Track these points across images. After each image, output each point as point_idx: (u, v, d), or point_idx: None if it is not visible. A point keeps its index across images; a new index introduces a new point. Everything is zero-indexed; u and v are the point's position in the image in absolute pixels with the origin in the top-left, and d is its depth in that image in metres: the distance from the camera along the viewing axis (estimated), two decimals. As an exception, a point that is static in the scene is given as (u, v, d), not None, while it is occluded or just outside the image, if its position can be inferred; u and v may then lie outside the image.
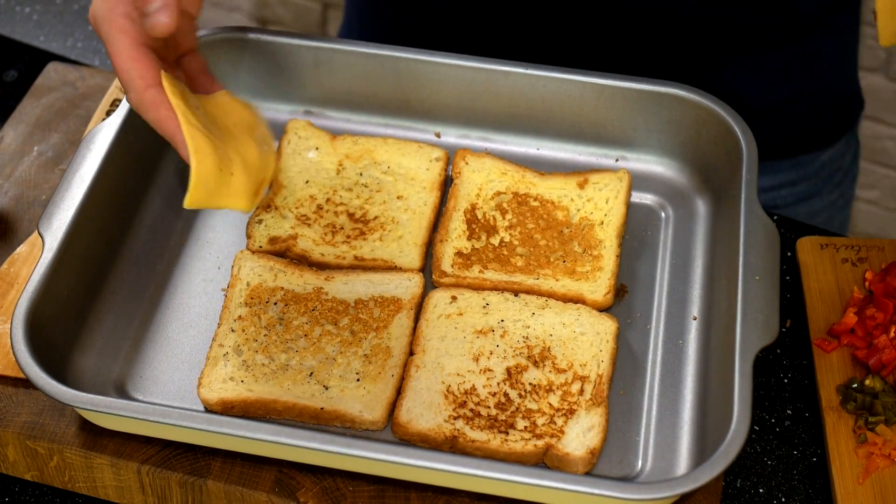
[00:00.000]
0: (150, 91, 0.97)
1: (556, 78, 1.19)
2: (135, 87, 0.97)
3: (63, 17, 1.50)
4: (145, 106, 0.97)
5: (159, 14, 0.96)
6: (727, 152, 1.15)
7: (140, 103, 0.97)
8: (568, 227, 1.16)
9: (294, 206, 1.17)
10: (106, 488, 1.03)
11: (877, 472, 1.03)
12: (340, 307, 1.09)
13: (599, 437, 1.00)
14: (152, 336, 1.09)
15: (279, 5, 2.86)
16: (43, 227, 1.05)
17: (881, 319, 1.11)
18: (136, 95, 0.97)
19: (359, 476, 1.00)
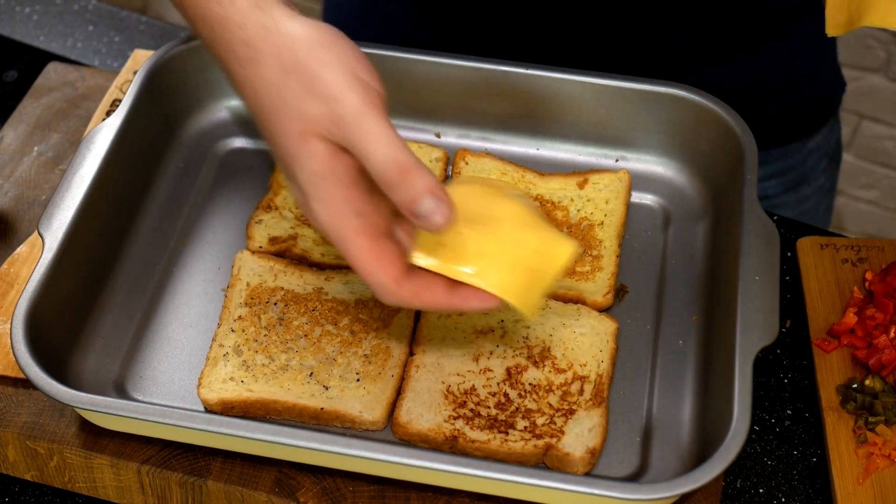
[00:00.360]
0: (405, 286, 0.88)
1: (556, 78, 1.19)
2: (388, 288, 0.88)
3: (63, 17, 1.50)
4: (405, 302, 0.89)
5: (435, 210, 0.85)
6: (727, 152, 1.15)
7: (398, 301, 0.89)
8: (568, 227, 1.16)
9: (294, 206, 1.17)
10: (106, 488, 1.03)
11: (877, 472, 1.03)
12: (340, 307, 1.09)
13: (599, 437, 1.00)
14: (152, 336, 1.09)
15: (279, 5, 2.86)
16: (43, 227, 1.05)
17: (881, 319, 1.11)
18: (392, 296, 0.89)
19: (359, 476, 1.00)
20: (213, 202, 1.20)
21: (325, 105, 0.86)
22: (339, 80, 0.87)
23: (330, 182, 0.87)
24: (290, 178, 0.91)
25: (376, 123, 0.85)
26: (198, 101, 1.26)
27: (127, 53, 1.46)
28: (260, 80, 0.90)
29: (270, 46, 0.89)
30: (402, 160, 0.84)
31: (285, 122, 0.88)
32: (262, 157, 1.24)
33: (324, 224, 0.88)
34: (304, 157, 0.87)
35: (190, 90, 1.24)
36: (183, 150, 1.24)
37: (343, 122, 0.86)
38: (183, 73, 1.23)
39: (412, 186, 0.84)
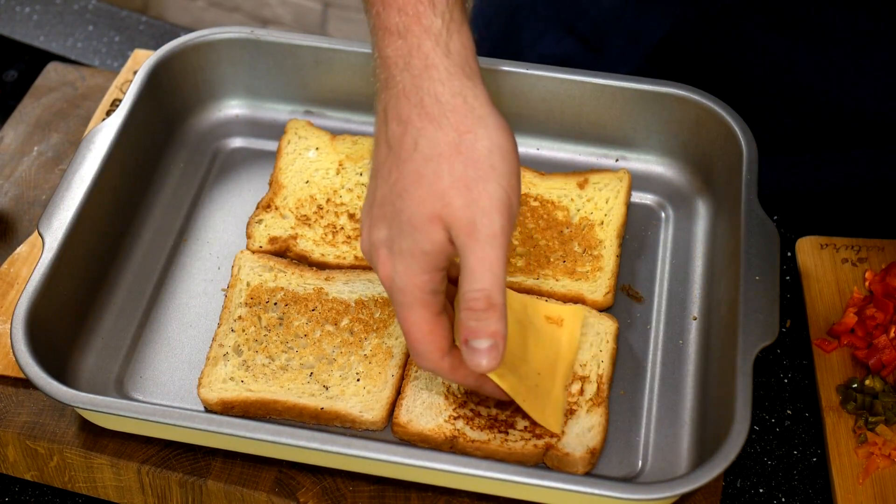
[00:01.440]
0: (447, 359, 0.92)
1: (556, 78, 1.19)
2: (431, 359, 0.92)
3: (63, 17, 1.50)
4: (442, 373, 0.93)
5: (486, 354, 0.89)
6: (727, 152, 1.15)
7: (437, 370, 0.93)
8: (568, 227, 1.16)
9: (294, 206, 1.17)
10: (106, 488, 1.03)
11: (877, 472, 1.03)
12: (341, 307, 1.09)
13: (599, 437, 1.00)
14: (152, 336, 1.09)
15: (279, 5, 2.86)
16: (43, 227, 1.05)
17: (881, 319, 1.11)
18: (433, 365, 0.92)
19: (359, 476, 1.00)
20: (213, 202, 1.20)
21: (472, 210, 0.87)
22: (497, 194, 0.87)
23: (430, 261, 0.89)
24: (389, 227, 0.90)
25: (497, 254, 0.87)
26: (198, 101, 1.26)
27: (127, 53, 1.46)
28: (428, 139, 0.89)
29: (458, 119, 0.89)
30: (494, 299, 0.87)
31: (427, 192, 0.88)
32: (262, 157, 1.24)
33: (398, 285, 0.90)
34: (423, 231, 0.88)
35: (190, 90, 1.24)
36: (183, 150, 1.24)
37: (474, 236, 0.87)
38: (183, 73, 1.23)
39: (485, 322, 0.87)
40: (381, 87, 0.94)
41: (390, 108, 0.92)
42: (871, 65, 1.19)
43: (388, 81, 0.92)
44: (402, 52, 0.92)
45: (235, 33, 1.23)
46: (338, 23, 2.86)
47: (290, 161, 1.20)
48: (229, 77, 1.25)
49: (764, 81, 1.24)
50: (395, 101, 0.91)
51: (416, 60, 0.91)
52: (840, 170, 1.28)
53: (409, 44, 0.92)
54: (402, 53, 0.92)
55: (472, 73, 0.92)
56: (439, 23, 0.92)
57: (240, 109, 1.27)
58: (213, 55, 1.23)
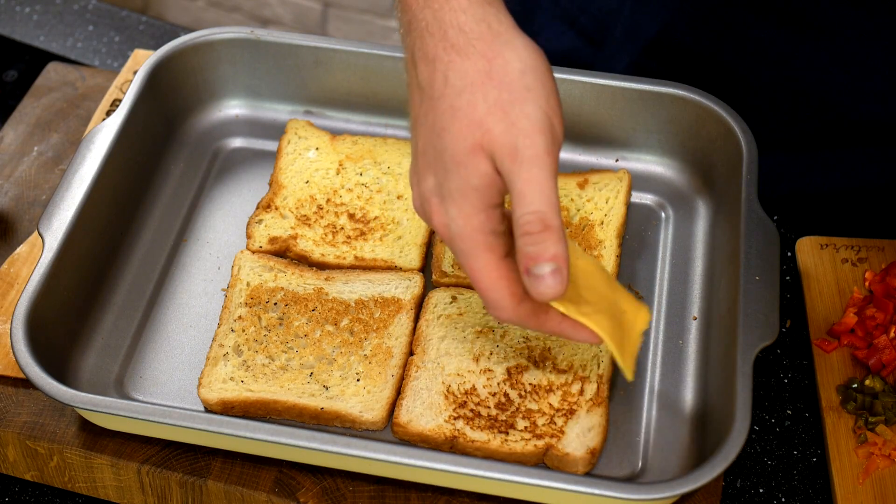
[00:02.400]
0: (524, 305, 0.88)
1: (556, 78, 1.18)
2: (505, 306, 0.87)
3: (63, 17, 1.50)
4: (519, 320, 0.89)
5: (550, 279, 0.84)
6: (727, 152, 1.15)
7: (513, 318, 0.88)
8: (568, 227, 1.16)
9: (294, 206, 1.17)
10: (106, 488, 1.03)
11: (877, 472, 1.03)
12: (341, 307, 1.09)
13: (599, 438, 1.00)
14: (152, 336, 1.09)
15: (279, 5, 2.86)
16: (43, 227, 1.05)
17: (881, 319, 1.11)
18: (509, 313, 0.88)
19: (359, 476, 1.00)
20: (213, 202, 1.20)
21: (511, 134, 0.84)
22: (535, 115, 0.85)
23: (481, 197, 0.86)
24: (435, 173, 0.88)
25: (545, 174, 0.84)
26: (198, 101, 1.26)
27: (127, 53, 1.46)
28: (457, 71, 0.86)
29: (485, 46, 0.87)
30: (549, 218, 0.84)
31: (465, 125, 0.86)
32: (262, 157, 1.24)
33: (455, 231, 0.87)
34: (467, 165, 0.85)
35: (190, 90, 1.24)
36: (183, 150, 1.24)
37: (517, 159, 0.84)
38: (183, 73, 1.23)
39: (543, 245, 0.84)
40: (404, 32, 0.91)
41: (417, 50, 0.89)
42: (869, 62, 1.19)
43: (411, 23, 0.90)
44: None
45: (235, 33, 1.23)
46: (338, 23, 2.86)
47: (290, 161, 1.20)
48: (229, 77, 1.25)
49: (761, 77, 1.24)
50: (420, 41, 0.89)
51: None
52: (839, 169, 1.28)
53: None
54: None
55: (493, 1, 0.89)
56: None
57: (240, 109, 1.27)
58: (213, 55, 1.23)
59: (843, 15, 1.16)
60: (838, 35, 1.18)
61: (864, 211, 1.29)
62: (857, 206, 1.30)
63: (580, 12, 1.33)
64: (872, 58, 1.19)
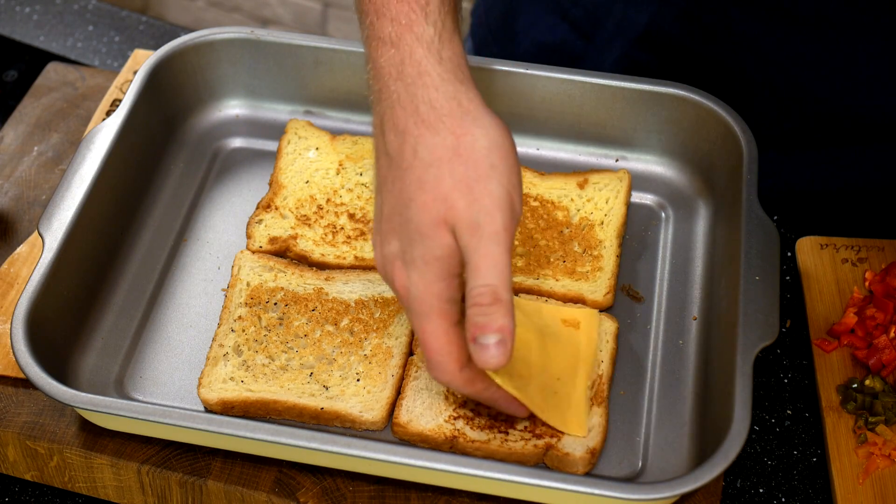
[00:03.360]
0: (465, 372, 0.91)
1: (556, 78, 1.19)
2: (448, 370, 0.91)
3: (63, 17, 1.50)
4: (461, 385, 0.93)
5: (494, 349, 0.88)
6: (727, 152, 1.15)
7: (453, 382, 0.92)
8: (568, 227, 1.16)
9: (294, 206, 1.17)
10: (106, 488, 1.03)
11: (877, 472, 1.03)
12: (341, 307, 1.09)
13: (599, 437, 1.00)
14: (152, 336, 1.09)
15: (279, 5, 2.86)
16: (43, 227, 1.05)
17: (881, 319, 1.11)
18: (449, 377, 0.92)
19: (359, 476, 1.00)
20: (213, 202, 1.20)
21: (473, 210, 0.88)
22: (497, 192, 0.88)
23: (442, 267, 0.89)
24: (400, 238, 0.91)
25: (501, 250, 0.88)
26: (198, 101, 1.26)
27: (127, 53, 1.46)
28: (426, 146, 0.89)
29: (455, 123, 0.90)
30: (500, 293, 0.87)
31: (430, 198, 0.89)
32: (262, 157, 1.24)
33: (414, 295, 0.90)
34: (431, 238, 0.88)
35: (190, 90, 1.24)
36: (183, 150, 1.24)
37: (477, 234, 0.87)
38: (183, 73, 1.23)
39: (492, 317, 0.87)
40: (375, 99, 0.94)
41: (386, 120, 0.92)
42: (858, 58, 1.19)
43: (382, 92, 0.93)
44: (395, 62, 0.93)
45: (235, 33, 1.23)
46: (338, 23, 2.86)
47: (290, 161, 1.20)
48: (229, 77, 1.25)
49: (750, 72, 1.24)
50: (390, 111, 0.92)
51: (409, 69, 0.92)
52: (837, 168, 1.28)
53: (401, 52, 0.92)
54: (394, 62, 0.93)
55: (464, 78, 0.92)
56: (431, 31, 0.93)
57: (240, 109, 1.27)
58: (213, 55, 1.23)
59: (831, 9, 1.16)
60: (827, 30, 1.17)
61: (863, 211, 1.29)
62: (856, 206, 1.30)
63: (572, 5, 1.34)
64: (861, 53, 1.18)
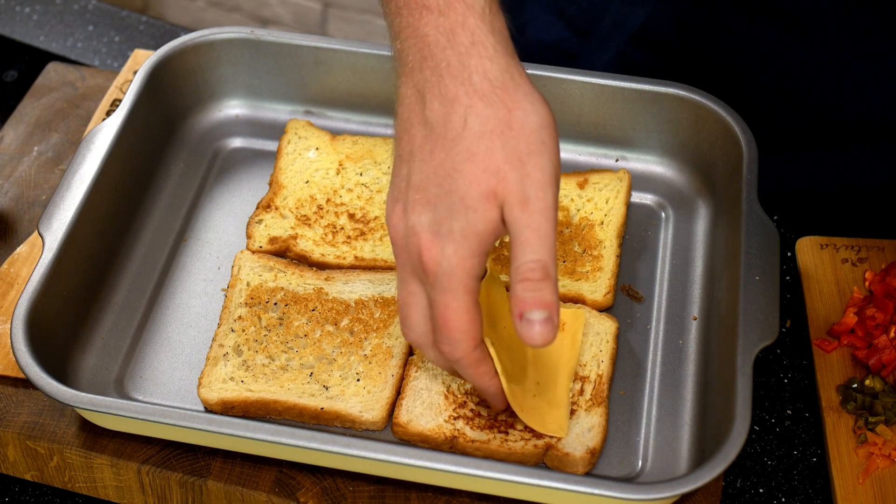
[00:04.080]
0: (478, 350, 0.91)
1: (556, 78, 1.19)
2: (464, 348, 0.90)
3: (63, 17, 1.50)
4: (467, 362, 0.91)
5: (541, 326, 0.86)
6: (727, 152, 1.15)
7: (464, 360, 0.91)
8: (568, 227, 1.16)
9: (294, 206, 1.17)
10: (106, 488, 1.03)
11: (877, 472, 1.03)
12: (341, 307, 1.09)
13: (599, 437, 1.00)
14: (152, 336, 1.09)
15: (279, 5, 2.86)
16: (43, 227, 1.05)
17: (881, 319, 1.11)
18: (462, 355, 0.90)
19: (359, 476, 1.00)
20: (213, 202, 1.20)
21: (525, 184, 0.87)
22: (548, 169, 0.87)
23: (481, 243, 0.88)
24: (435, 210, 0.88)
25: (551, 227, 0.87)
26: (198, 101, 1.26)
27: (127, 53, 1.46)
28: (479, 116, 0.87)
29: (507, 96, 0.88)
30: (550, 269, 0.86)
31: (481, 170, 0.87)
32: (262, 157, 1.24)
33: (444, 269, 0.87)
34: (477, 209, 0.87)
35: (190, 90, 1.24)
36: (183, 150, 1.24)
37: (528, 209, 0.86)
38: (183, 73, 1.23)
39: (542, 293, 0.86)
40: (412, 68, 0.91)
41: (430, 88, 0.89)
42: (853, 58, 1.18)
43: (426, 61, 0.90)
44: (444, 29, 0.90)
45: (235, 33, 1.23)
46: (338, 23, 2.86)
47: (290, 161, 1.20)
48: (229, 77, 1.25)
49: (745, 71, 1.24)
50: (436, 79, 0.89)
51: (461, 38, 0.89)
52: (834, 169, 1.28)
53: (450, 20, 0.90)
54: (443, 30, 0.90)
55: (513, 53, 0.91)
56: (482, 1, 0.90)
57: (240, 109, 1.27)
58: (213, 55, 1.23)
59: (825, 9, 1.16)
60: (822, 29, 1.17)
61: (862, 211, 1.29)
62: (856, 206, 1.30)
63: (569, 3, 1.33)
64: (856, 54, 1.18)
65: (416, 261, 0.89)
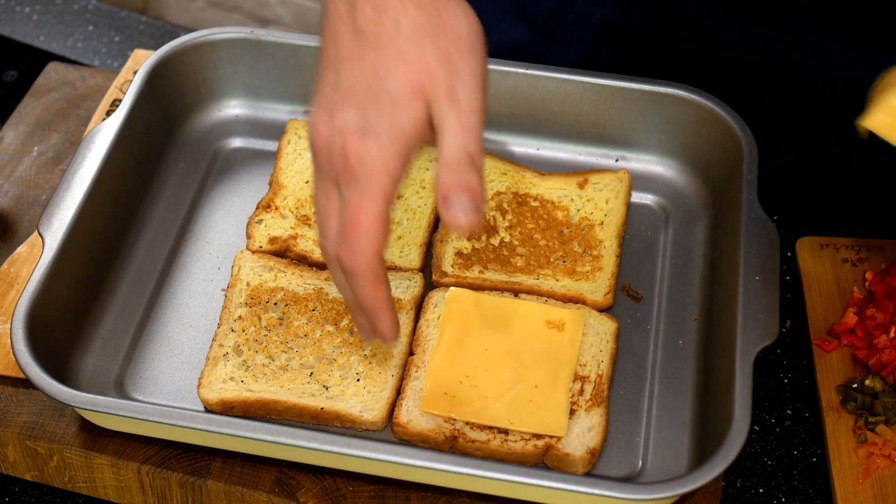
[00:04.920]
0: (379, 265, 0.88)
1: (556, 78, 1.19)
2: (369, 254, 0.87)
3: (63, 17, 1.50)
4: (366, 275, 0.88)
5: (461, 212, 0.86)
6: (727, 152, 1.15)
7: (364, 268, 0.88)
8: (568, 227, 1.16)
9: (294, 206, 1.17)
10: (106, 488, 1.03)
11: (877, 472, 1.03)
12: (340, 307, 1.09)
13: (599, 438, 1.00)
14: (152, 336, 1.09)
15: (279, 5, 2.86)
16: (43, 227, 1.05)
17: (881, 319, 1.11)
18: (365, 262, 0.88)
19: (359, 476, 1.00)
20: (213, 202, 1.20)
21: (453, 81, 0.87)
22: (477, 71, 0.89)
23: (405, 142, 0.87)
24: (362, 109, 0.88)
25: (478, 123, 0.87)
26: (198, 101, 1.26)
27: (127, 53, 1.46)
28: (410, 19, 0.88)
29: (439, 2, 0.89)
30: (476, 159, 0.87)
31: (412, 69, 0.87)
32: (262, 157, 1.24)
33: (367, 167, 0.87)
34: (405, 106, 0.87)
35: (190, 90, 1.24)
36: (183, 150, 1.24)
37: (455, 103, 0.87)
38: (183, 73, 1.23)
39: (467, 177, 0.86)
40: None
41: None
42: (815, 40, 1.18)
43: None
44: None
45: (235, 33, 1.23)
46: (338, 23, 2.86)
47: (290, 161, 1.20)
48: (229, 77, 1.25)
49: (711, 59, 1.24)
50: None
51: None
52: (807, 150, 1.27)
53: None
54: None
55: None
56: None
57: (240, 109, 1.27)
58: (213, 55, 1.23)
59: None
60: (783, 15, 1.17)
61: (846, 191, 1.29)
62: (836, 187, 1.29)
63: (530, 4, 1.33)
64: (819, 38, 1.18)
65: (338, 163, 0.89)
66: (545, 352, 1.04)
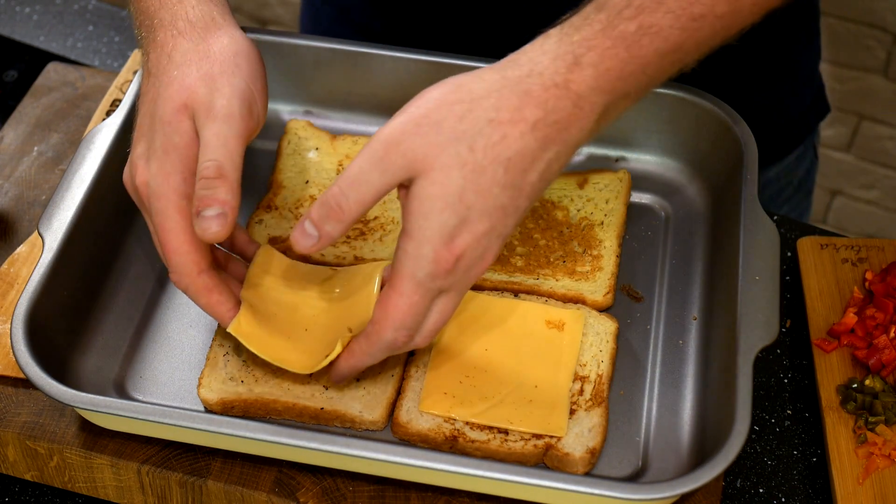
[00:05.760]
0: (203, 276, 0.94)
1: (556, 78, 1.19)
2: (187, 272, 0.94)
3: (63, 17, 1.50)
4: (195, 290, 0.95)
5: (214, 221, 0.91)
6: (727, 152, 1.15)
7: (191, 286, 0.95)
8: (568, 227, 1.16)
9: (294, 206, 1.17)
10: (106, 488, 1.03)
11: (877, 472, 1.03)
12: (340, 307, 1.08)
13: (599, 438, 1.00)
14: (152, 336, 1.09)
15: (279, 5, 2.86)
16: (43, 227, 1.05)
17: (881, 319, 1.11)
18: (188, 280, 0.94)
19: (359, 476, 1.00)
20: (213, 202, 1.20)
21: (212, 95, 0.94)
22: (239, 85, 0.96)
23: (181, 158, 0.93)
24: (146, 138, 0.96)
25: (233, 132, 0.94)
26: (198, 101, 1.25)
27: (127, 53, 1.46)
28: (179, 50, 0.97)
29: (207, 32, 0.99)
30: (226, 170, 0.92)
31: (175, 90, 0.95)
32: (262, 157, 1.24)
33: (153, 189, 0.94)
34: (172, 123, 0.94)
35: (190, 90, 1.24)
36: (183, 150, 1.24)
37: (211, 115, 0.93)
38: (183, 73, 1.22)
39: (214, 190, 0.92)
40: (143, 35, 1.02)
41: (150, 42, 1.00)
42: None
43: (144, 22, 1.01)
44: None
45: (235, 33, 1.23)
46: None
47: (290, 161, 1.20)
48: (229, 77, 1.25)
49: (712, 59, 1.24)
50: (152, 34, 1.00)
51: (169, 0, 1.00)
52: None
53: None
54: None
55: (220, 3, 1.02)
56: None
57: (240, 109, 1.27)
58: (213, 55, 1.23)
59: None
60: None
61: None
62: None
63: None
64: None
65: (137, 195, 0.98)
66: (545, 352, 1.04)
